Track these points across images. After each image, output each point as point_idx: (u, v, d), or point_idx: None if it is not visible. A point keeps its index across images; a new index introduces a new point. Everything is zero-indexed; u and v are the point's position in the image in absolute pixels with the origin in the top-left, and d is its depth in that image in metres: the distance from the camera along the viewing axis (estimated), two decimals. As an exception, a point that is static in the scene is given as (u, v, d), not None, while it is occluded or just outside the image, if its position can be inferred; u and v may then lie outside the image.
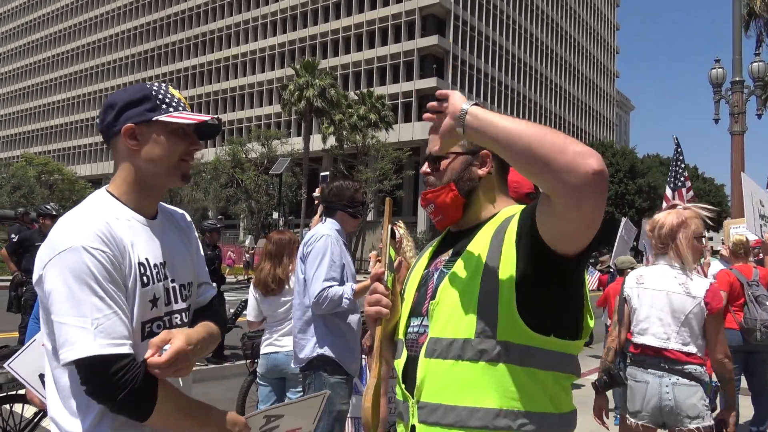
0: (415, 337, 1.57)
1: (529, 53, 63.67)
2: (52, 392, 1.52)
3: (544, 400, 1.42)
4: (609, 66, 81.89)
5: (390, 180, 40.96)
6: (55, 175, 52.86)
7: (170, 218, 1.78)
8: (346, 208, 3.57)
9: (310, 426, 1.94)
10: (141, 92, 1.60)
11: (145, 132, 1.58)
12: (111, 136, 1.61)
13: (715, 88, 12.70)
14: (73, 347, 1.39)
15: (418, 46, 52.34)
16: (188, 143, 1.63)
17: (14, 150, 77.81)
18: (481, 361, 1.41)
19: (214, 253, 8.82)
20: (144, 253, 1.57)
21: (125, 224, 1.57)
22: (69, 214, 1.56)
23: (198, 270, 1.80)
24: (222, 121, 1.74)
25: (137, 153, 1.59)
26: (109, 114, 1.60)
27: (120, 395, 1.41)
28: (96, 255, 1.44)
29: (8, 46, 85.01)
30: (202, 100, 64.17)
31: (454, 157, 1.61)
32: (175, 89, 1.69)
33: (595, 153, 1.22)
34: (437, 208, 1.62)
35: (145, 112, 1.58)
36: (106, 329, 1.40)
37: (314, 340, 3.37)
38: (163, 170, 1.61)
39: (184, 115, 1.60)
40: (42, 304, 1.50)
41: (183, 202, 45.72)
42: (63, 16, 77.94)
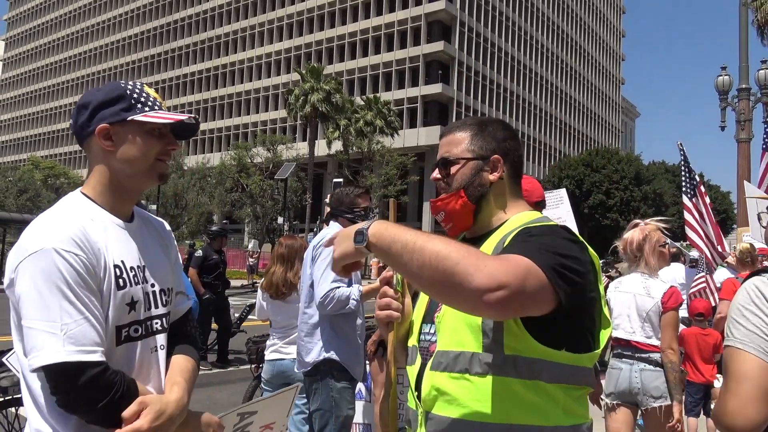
0: (427, 345, 1.54)
1: (534, 60, 63.69)
2: (28, 400, 1.47)
3: (556, 413, 1.38)
4: (615, 73, 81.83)
5: (395, 185, 40.95)
6: (61, 179, 53.07)
7: (147, 223, 1.72)
8: (345, 213, 3.59)
9: (284, 420, 1.95)
10: (115, 91, 1.55)
11: (120, 132, 1.54)
12: (85, 137, 1.56)
13: (722, 96, 12.67)
14: (40, 353, 1.33)
15: (424, 52, 52.42)
16: (165, 143, 1.59)
17: (21, 153, 78.20)
18: (488, 375, 1.37)
19: (219, 258, 8.86)
20: (120, 255, 1.52)
21: (100, 226, 1.51)
22: (42, 216, 1.51)
23: (176, 278, 1.75)
24: (197, 118, 1.72)
25: (112, 154, 1.54)
26: (82, 114, 1.55)
27: (93, 404, 1.36)
28: (68, 258, 1.39)
29: (16, 51, 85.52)
30: (208, 104, 64.37)
31: (464, 162, 1.56)
32: (151, 88, 1.65)
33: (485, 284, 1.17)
34: (447, 215, 1.57)
35: (120, 111, 1.53)
36: (75, 335, 1.35)
37: (320, 343, 3.37)
38: (139, 171, 1.56)
39: (160, 115, 1.55)
40: (13, 308, 1.45)
41: (188, 206, 45.82)
42: (70, 20, 78.39)
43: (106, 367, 1.39)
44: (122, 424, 1.38)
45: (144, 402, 1.42)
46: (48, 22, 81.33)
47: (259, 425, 1.84)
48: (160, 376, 1.60)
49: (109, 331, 1.46)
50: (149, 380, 1.55)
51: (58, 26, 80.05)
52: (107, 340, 1.44)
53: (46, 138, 78.98)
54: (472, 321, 1.40)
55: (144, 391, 1.47)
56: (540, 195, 2.94)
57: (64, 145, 76.09)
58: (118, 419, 1.38)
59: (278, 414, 1.92)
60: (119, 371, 1.42)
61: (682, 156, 6.80)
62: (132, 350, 1.53)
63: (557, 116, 67.54)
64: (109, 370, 1.39)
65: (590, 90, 74.86)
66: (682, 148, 6.85)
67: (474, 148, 1.57)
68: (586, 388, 1.46)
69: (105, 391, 1.36)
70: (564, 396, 1.40)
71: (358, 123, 41.50)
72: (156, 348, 1.60)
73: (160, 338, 1.61)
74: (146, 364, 1.56)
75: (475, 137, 1.59)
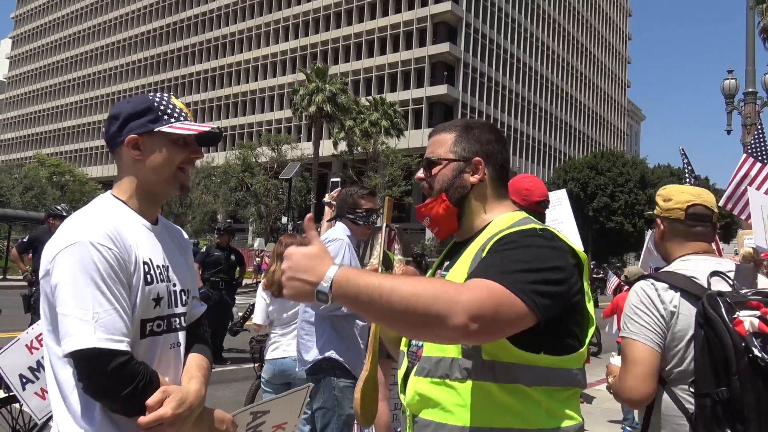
0: (415, 350, 1.56)
1: (540, 62, 63.63)
2: (53, 388, 1.53)
3: (539, 416, 1.39)
4: (620, 75, 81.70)
5: (399, 186, 40.97)
6: (66, 177, 53.25)
7: (169, 228, 1.83)
8: (347, 215, 3.58)
9: (295, 420, 1.97)
10: (144, 104, 1.66)
11: (148, 142, 1.64)
12: (115, 146, 1.68)
13: (728, 99, 12.64)
14: (72, 339, 1.40)
15: (430, 53, 52.44)
16: (189, 151, 1.69)
17: (27, 151, 78.47)
18: (468, 380, 1.39)
19: (222, 255, 9.01)
20: (148, 253, 1.61)
21: (131, 225, 1.61)
22: (77, 213, 1.61)
23: (193, 282, 1.85)
24: (221, 129, 1.79)
25: (141, 162, 1.65)
26: (113, 125, 1.67)
27: (118, 392, 1.42)
28: (102, 251, 1.48)
29: (23, 48, 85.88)
30: (213, 104, 64.54)
31: (446, 163, 1.58)
32: (177, 99, 1.75)
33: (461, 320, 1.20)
34: (432, 220, 1.60)
35: (148, 123, 1.64)
36: (105, 324, 1.42)
37: (321, 342, 3.36)
38: (163, 178, 1.67)
39: (186, 126, 1.66)
40: (46, 298, 1.52)
41: (193, 205, 45.92)
42: (77, 19, 78.67)
43: (132, 357, 1.45)
44: (146, 412, 1.45)
45: (167, 391, 1.49)
46: (54, 21, 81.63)
47: (272, 425, 1.87)
48: (178, 372, 1.68)
49: (135, 323, 1.53)
50: (168, 374, 1.62)
51: (64, 24, 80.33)
52: (133, 333, 1.51)
53: (51, 136, 79.28)
54: None
55: (164, 383, 1.53)
56: (542, 194, 2.93)
57: (70, 143, 76.37)
58: (140, 408, 1.45)
59: (290, 414, 1.94)
60: (143, 362, 1.49)
61: (685, 161, 6.79)
62: (154, 344, 1.60)
63: (562, 118, 67.44)
64: (134, 360, 1.45)
65: (596, 92, 74.75)
66: (684, 153, 6.85)
67: (457, 149, 1.59)
68: (574, 389, 1.46)
69: (129, 379, 1.43)
70: (547, 399, 1.40)
71: (364, 123, 41.55)
72: (175, 344, 1.68)
73: (179, 336, 1.70)
74: (166, 359, 1.64)
75: (459, 139, 1.60)
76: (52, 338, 1.51)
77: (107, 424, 1.47)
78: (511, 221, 1.51)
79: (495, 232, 1.47)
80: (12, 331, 7.77)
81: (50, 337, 1.52)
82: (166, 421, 1.45)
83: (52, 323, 1.51)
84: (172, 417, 1.46)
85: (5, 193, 42.14)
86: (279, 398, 1.93)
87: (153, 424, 1.44)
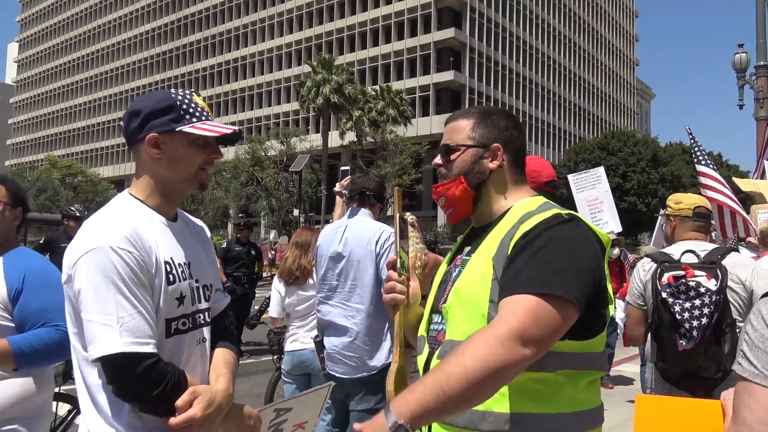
0: (435, 335, 1.57)
1: (546, 43, 63.06)
2: (83, 391, 1.54)
3: (560, 401, 1.39)
4: (629, 54, 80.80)
5: (409, 175, 40.88)
6: (78, 177, 53.63)
7: (189, 223, 1.81)
8: (379, 200, 3.42)
9: (315, 420, 1.97)
10: (166, 101, 1.62)
11: (169, 141, 1.61)
12: (134, 143, 1.64)
13: (739, 74, 12.46)
14: (100, 344, 1.42)
15: (435, 40, 52.13)
16: (209, 152, 1.66)
17: (39, 153, 79.07)
18: None
19: (243, 250, 9.12)
20: (169, 252, 1.60)
21: (150, 225, 1.60)
22: (95, 216, 1.59)
23: (215, 276, 1.83)
24: (242, 130, 1.77)
25: (160, 161, 1.62)
26: (133, 121, 1.63)
27: (147, 394, 1.43)
28: (123, 255, 1.47)
29: (30, 52, 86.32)
30: (221, 99, 64.62)
31: (464, 149, 1.59)
32: (199, 96, 1.71)
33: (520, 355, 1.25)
34: (447, 201, 1.61)
35: (169, 122, 1.60)
36: (131, 328, 1.42)
37: (387, 347, 3.18)
38: (182, 178, 1.65)
39: (207, 127, 1.62)
40: (70, 303, 1.53)
41: (204, 201, 46.11)
42: (82, 20, 78.90)
43: (159, 359, 1.46)
44: (175, 413, 1.46)
45: (195, 391, 1.50)
46: (59, 23, 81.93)
47: (293, 423, 1.86)
48: (206, 368, 1.69)
49: (160, 324, 1.54)
50: (196, 371, 1.63)
51: (69, 26, 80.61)
52: (158, 333, 1.51)
53: (62, 137, 79.80)
54: (477, 311, 1.42)
55: (192, 382, 1.53)
56: (549, 174, 2.88)
57: (81, 144, 76.85)
58: (170, 408, 1.46)
59: (311, 413, 1.93)
60: (170, 363, 1.50)
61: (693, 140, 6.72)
62: (180, 343, 1.61)
63: (571, 100, 66.90)
64: (161, 362, 1.46)
65: (604, 72, 74.01)
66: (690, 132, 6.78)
67: (475, 135, 1.60)
68: (596, 373, 1.47)
69: (158, 381, 1.44)
70: (569, 384, 1.41)
71: (371, 113, 41.42)
72: (201, 340, 1.68)
73: (205, 331, 1.70)
74: (193, 356, 1.64)
75: (477, 125, 1.61)
76: (78, 341, 1.53)
77: (136, 424, 1.49)
78: (533, 206, 1.51)
79: (519, 217, 1.48)
80: (33, 331, 7.88)
81: (76, 339, 1.54)
82: (196, 422, 1.46)
83: (77, 326, 1.52)
84: (202, 418, 1.47)
85: (19, 196, 42.52)
86: (302, 396, 1.92)
87: (183, 425, 1.45)
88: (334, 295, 3.31)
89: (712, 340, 2.70)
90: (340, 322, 3.26)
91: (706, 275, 2.80)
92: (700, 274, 2.81)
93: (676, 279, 2.81)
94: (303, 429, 1.93)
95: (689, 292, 2.76)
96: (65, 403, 4.12)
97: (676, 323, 2.75)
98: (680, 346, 2.72)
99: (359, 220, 3.34)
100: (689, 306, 2.73)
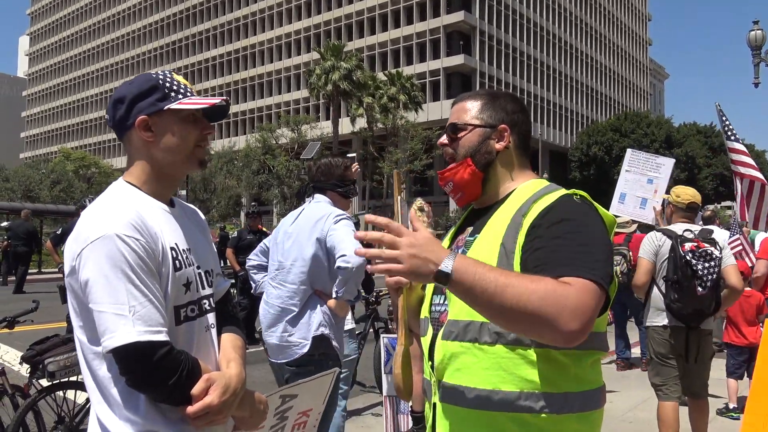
0: (437, 316, 1.58)
1: (557, 24, 62.37)
2: (91, 383, 1.51)
3: (566, 380, 1.41)
4: (641, 33, 79.72)
5: (420, 160, 40.81)
6: (92, 169, 54.08)
7: (185, 208, 1.77)
8: (336, 187, 3.38)
9: (320, 407, 1.95)
10: (149, 83, 1.59)
11: (159, 122, 1.57)
12: (124, 130, 1.60)
13: (755, 51, 12.29)
14: (114, 335, 1.38)
15: (444, 23, 51.72)
16: (201, 128, 1.62)
17: (52, 146, 79.75)
18: (497, 344, 1.40)
19: (255, 238, 9.16)
20: (173, 238, 1.57)
21: (151, 211, 1.56)
22: (95, 205, 1.55)
23: (215, 260, 1.80)
24: (229, 100, 1.74)
25: (153, 144, 1.58)
26: (119, 108, 1.59)
27: (163, 383, 1.41)
28: (130, 243, 1.43)
29: (41, 44, 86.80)
30: (230, 88, 64.67)
31: (471, 128, 1.60)
32: (179, 75, 1.67)
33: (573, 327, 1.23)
34: (456, 185, 1.61)
35: (156, 102, 1.57)
36: (143, 316, 1.39)
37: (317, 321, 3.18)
38: (180, 158, 1.61)
39: (194, 101, 1.59)
40: (75, 295, 1.48)
41: (217, 190, 46.34)
42: (91, 11, 79.14)
43: (172, 347, 1.43)
44: (192, 401, 1.44)
45: (210, 378, 1.48)
46: (69, 15, 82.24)
47: (298, 411, 1.85)
48: (215, 354, 1.66)
49: (169, 311, 1.51)
50: (207, 358, 1.60)
51: (79, 18, 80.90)
52: (168, 321, 1.49)
53: (75, 129, 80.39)
54: None
55: (205, 369, 1.52)
56: None
57: (94, 136, 77.37)
58: (185, 396, 1.44)
59: (316, 400, 1.92)
60: (183, 351, 1.47)
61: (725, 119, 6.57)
62: (190, 330, 1.58)
63: (583, 81, 66.23)
64: (174, 350, 1.43)
65: (616, 53, 73.13)
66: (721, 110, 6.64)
67: (483, 116, 1.61)
68: (598, 353, 1.48)
69: (173, 369, 1.41)
70: (574, 363, 1.42)
71: (382, 99, 41.32)
72: (208, 327, 1.66)
73: (211, 317, 1.67)
74: (203, 343, 1.62)
75: (485, 107, 1.62)
76: (84, 334, 1.49)
77: (153, 413, 1.46)
78: (539, 187, 1.53)
79: (528, 196, 1.49)
80: (50, 322, 7.99)
81: (81, 332, 1.50)
82: (213, 409, 1.45)
83: (83, 319, 1.49)
84: (219, 404, 1.45)
85: (34, 188, 42.99)
86: (307, 382, 1.89)
87: (201, 413, 1.44)
88: (277, 275, 3.26)
89: (714, 287, 3.90)
90: (274, 306, 3.23)
91: (711, 246, 3.96)
92: (706, 246, 3.95)
93: (697, 248, 3.93)
94: (307, 418, 1.91)
95: (705, 257, 3.89)
96: (83, 391, 4.18)
97: (697, 277, 3.86)
98: (698, 292, 3.86)
99: (314, 203, 3.34)
100: (706, 266, 3.87)
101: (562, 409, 1.39)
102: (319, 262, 3.16)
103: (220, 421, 1.50)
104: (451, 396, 1.46)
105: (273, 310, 3.24)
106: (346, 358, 4.07)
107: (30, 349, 4.02)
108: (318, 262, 3.16)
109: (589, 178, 50.24)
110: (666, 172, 6.02)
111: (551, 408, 1.38)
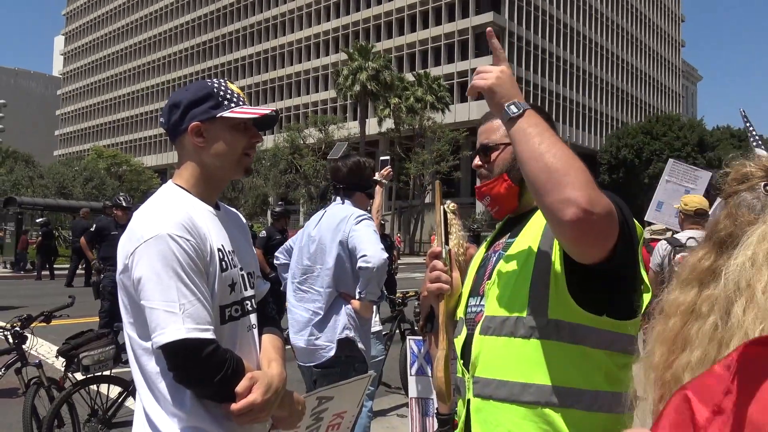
0: (473, 316, 1.62)
1: (589, 26, 61.61)
2: (139, 378, 1.56)
3: (598, 378, 1.42)
4: (674, 35, 78.35)
5: (447, 161, 40.67)
6: (123, 167, 54.98)
7: (229, 212, 1.84)
8: (365, 189, 3.39)
9: (354, 410, 1.98)
10: (203, 90, 1.66)
11: (210, 129, 1.64)
12: (177, 135, 1.68)
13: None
14: (164, 331, 1.44)
15: (473, 24, 51.46)
16: (250, 136, 1.69)
17: (85, 143, 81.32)
18: (532, 338, 1.44)
19: (282, 238, 9.11)
20: (219, 240, 1.63)
21: (200, 213, 1.62)
22: (147, 206, 1.62)
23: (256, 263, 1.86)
24: (278, 111, 1.80)
25: (204, 149, 1.66)
26: (174, 113, 1.66)
27: (209, 380, 1.46)
28: (181, 243, 1.50)
29: (75, 44, 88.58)
30: (259, 88, 65.25)
31: (503, 147, 1.64)
32: (233, 83, 1.75)
33: (581, 200, 1.23)
34: (493, 199, 1.65)
35: (209, 109, 1.64)
36: (192, 314, 1.45)
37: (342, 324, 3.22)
38: (228, 164, 1.68)
39: (246, 110, 1.66)
40: (126, 292, 1.55)
41: (244, 189, 46.79)
42: (125, 12, 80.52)
43: (219, 345, 1.49)
44: (236, 399, 1.49)
45: (254, 377, 1.53)
46: (104, 15, 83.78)
47: (333, 412, 1.88)
48: (257, 354, 1.72)
49: (215, 311, 1.56)
50: (249, 357, 1.65)
51: (113, 18, 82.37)
52: (214, 320, 1.54)
53: (107, 127, 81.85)
54: (518, 288, 1.48)
55: (248, 368, 1.56)
56: None
57: (126, 134, 78.71)
58: (229, 394, 1.49)
59: (350, 403, 1.95)
60: (228, 349, 1.53)
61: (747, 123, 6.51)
62: (234, 329, 1.64)
63: (614, 84, 65.33)
64: (220, 348, 1.49)
65: (648, 54, 71.98)
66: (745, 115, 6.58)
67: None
68: (629, 357, 1.47)
69: (218, 366, 1.46)
70: (607, 362, 1.44)
71: (409, 100, 41.26)
72: (251, 327, 1.72)
73: (253, 318, 1.73)
74: (245, 343, 1.67)
75: None
76: (134, 330, 1.56)
77: (198, 409, 1.52)
78: None
79: None
80: (84, 317, 8.18)
81: (131, 328, 1.57)
82: (257, 407, 1.49)
83: (133, 315, 1.55)
84: (262, 403, 1.50)
85: (67, 185, 43.86)
86: (342, 385, 1.93)
87: (244, 411, 1.49)
88: (306, 279, 3.28)
89: None
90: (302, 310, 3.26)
91: None
92: None
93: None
94: (341, 419, 1.94)
95: None
96: (116, 385, 4.27)
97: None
98: None
99: (336, 205, 3.34)
100: None
101: (592, 406, 1.41)
102: (342, 264, 3.19)
103: (262, 419, 1.56)
104: (485, 390, 1.50)
105: (300, 314, 3.27)
106: (373, 359, 4.10)
107: (65, 343, 4.12)
108: (342, 264, 3.19)
109: (618, 181, 49.53)
110: (702, 185, 6.04)
111: (582, 404, 1.40)
